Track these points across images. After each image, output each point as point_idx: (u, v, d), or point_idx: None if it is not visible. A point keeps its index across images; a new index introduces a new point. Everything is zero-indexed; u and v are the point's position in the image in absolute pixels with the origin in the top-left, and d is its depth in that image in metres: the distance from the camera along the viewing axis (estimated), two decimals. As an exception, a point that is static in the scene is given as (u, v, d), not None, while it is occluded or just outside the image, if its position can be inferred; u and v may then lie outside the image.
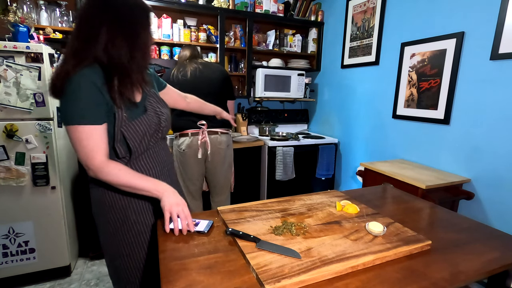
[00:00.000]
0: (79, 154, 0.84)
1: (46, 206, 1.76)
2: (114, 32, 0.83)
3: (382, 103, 2.29)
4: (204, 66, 1.81)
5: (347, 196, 1.27)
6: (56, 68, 0.84)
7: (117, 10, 0.84)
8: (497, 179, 1.57)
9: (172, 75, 1.79)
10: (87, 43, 0.82)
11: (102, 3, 0.83)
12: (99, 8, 0.83)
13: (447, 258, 0.85)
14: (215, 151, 1.81)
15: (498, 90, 1.55)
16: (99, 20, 0.82)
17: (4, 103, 1.58)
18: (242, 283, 0.70)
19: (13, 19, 1.68)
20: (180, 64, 1.84)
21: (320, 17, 2.91)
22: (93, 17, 0.83)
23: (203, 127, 1.76)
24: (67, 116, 0.82)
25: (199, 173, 1.85)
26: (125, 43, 0.85)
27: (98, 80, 0.82)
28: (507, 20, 1.48)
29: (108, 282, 1.87)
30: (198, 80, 1.77)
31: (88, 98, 0.81)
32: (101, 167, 0.84)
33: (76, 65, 0.80)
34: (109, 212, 0.97)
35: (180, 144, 1.79)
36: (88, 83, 0.80)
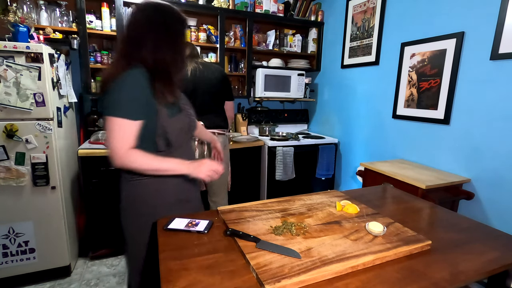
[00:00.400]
0: (109, 142, 0.92)
1: (46, 206, 1.76)
2: (160, 39, 0.96)
3: (382, 103, 2.29)
4: (204, 66, 1.81)
5: (347, 196, 1.27)
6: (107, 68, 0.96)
7: (163, 20, 0.98)
8: (497, 179, 1.57)
9: None
10: (135, 48, 0.94)
11: (151, 13, 0.97)
12: (147, 18, 0.96)
13: (447, 258, 0.85)
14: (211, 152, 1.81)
15: (498, 90, 1.55)
16: (147, 28, 0.95)
17: (4, 103, 1.58)
18: (242, 283, 0.70)
19: (13, 19, 1.68)
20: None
21: (320, 17, 2.91)
22: (142, 25, 0.95)
23: None
24: (108, 107, 0.92)
25: None
26: (168, 49, 0.98)
27: (143, 80, 0.92)
28: (507, 20, 1.48)
29: (108, 282, 1.87)
30: (197, 79, 1.77)
31: (130, 95, 0.91)
32: (126, 156, 0.92)
33: (125, 66, 0.92)
34: (142, 207, 1.05)
35: None
36: (133, 81, 0.91)
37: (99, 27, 2.15)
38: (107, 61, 2.22)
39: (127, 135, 0.91)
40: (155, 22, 0.97)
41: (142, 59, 0.94)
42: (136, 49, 0.94)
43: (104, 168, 1.98)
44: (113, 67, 0.95)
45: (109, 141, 0.92)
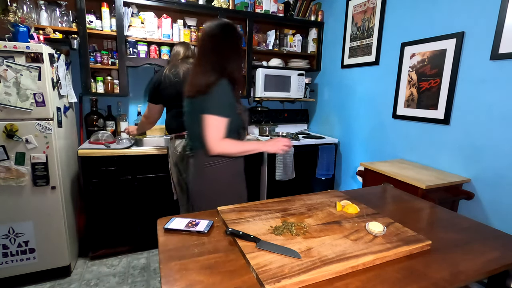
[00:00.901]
0: (208, 136, 1.19)
1: (46, 206, 1.76)
2: (232, 54, 1.25)
3: (382, 103, 2.29)
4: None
5: (347, 196, 1.27)
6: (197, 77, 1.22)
7: (232, 39, 1.25)
8: (497, 179, 1.57)
9: (164, 75, 1.78)
10: (220, 62, 1.22)
11: (226, 34, 1.24)
12: (224, 38, 1.23)
13: (447, 258, 0.85)
14: None
15: (498, 90, 1.55)
16: (224, 45, 1.23)
17: (4, 103, 1.58)
18: (242, 283, 0.70)
19: (13, 19, 1.68)
20: (172, 64, 1.83)
21: (320, 17, 2.91)
22: (220, 44, 1.23)
23: None
24: (210, 108, 1.18)
25: None
26: (237, 61, 1.28)
27: (229, 88, 1.22)
28: (507, 20, 1.48)
29: (108, 282, 1.87)
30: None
31: (224, 99, 1.20)
32: (221, 144, 1.20)
33: (218, 77, 1.20)
34: (217, 185, 1.31)
35: (177, 146, 1.77)
36: (225, 89, 1.20)
37: (99, 27, 2.15)
38: (107, 61, 2.22)
39: (221, 129, 1.20)
40: (229, 40, 1.24)
41: (227, 72, 1.22)
42: (220, 62, 1.22)
43: (104, 168, 1.99)
44: (206, 77, 1.20)
45: (209, 135, 1.19)
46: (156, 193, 2.17)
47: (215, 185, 1.30)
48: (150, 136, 2.60)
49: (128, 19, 2.20)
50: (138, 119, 2.50)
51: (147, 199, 2.16)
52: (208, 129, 1.18)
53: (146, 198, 2.15)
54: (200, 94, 1.20)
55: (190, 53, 1.90)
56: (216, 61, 1.21)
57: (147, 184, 2.13)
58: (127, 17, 2.19)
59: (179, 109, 1.79)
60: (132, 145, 2.12)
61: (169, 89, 1.77)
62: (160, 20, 2.33)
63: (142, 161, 2.08)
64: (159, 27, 2.34)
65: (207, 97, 1.19)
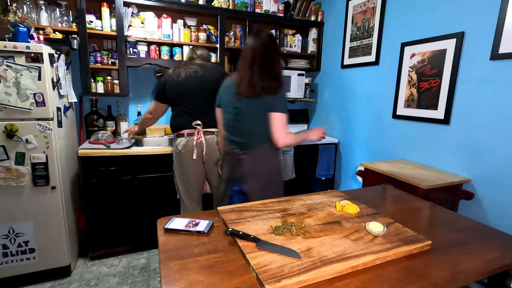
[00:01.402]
0: (278, 130, 1.41)
1: (46, 206, 1.76)
2: (280, 60, 1.51)
3: (382, 103, 2.29)
4: (200, 66, 1.81)
5: (347, 196, 1.27)
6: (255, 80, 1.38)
7: (278, 47, 1.49)
8: (497, 179, 1.57)
9: (168, 76, 1.80)
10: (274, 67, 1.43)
11: (274, 43, 1.46)
12: (273, 47, 1.44)
13: (447, 258, 0.85)
14: (211, 152, 1.80)
15: (498, 90, 1.55)
16: (275, 53, 1.45)
17: (4, 103, 1.58)
18: (242, 283, 0.70)
19: (13, 19, 1.68)
20: (176, 66, 1.85)
21: (320, 17, 2.91)
22: (272, 52, 1.43)
23: (199, 127, 1.76)
24: (279, 107, 1.40)
25: (198, 174, 1.84)
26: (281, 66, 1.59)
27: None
28: (507, 20, 1.48)
29: (108, 282, 1.87)
30: (194, 80, 1.76)
31: (285, 99, 1.47)
32: (287, 137, 1.43)
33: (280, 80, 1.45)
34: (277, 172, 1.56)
35: (177, 144, 1.79)
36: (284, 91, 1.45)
37: (99, 27, 2.15)
38: (107, 61, 2.22)
39: (286, 124, 1.42)
40: (278, 49, 1.48)
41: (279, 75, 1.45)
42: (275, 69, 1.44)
43: (104, 168, 1.99)
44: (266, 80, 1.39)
45: (278, 129, 1.40)
46: (156, 193, 2.17)
47: (272, 175, 1.52)
48: (150, 136, 2.60)
49: (128, 19, 2.20)
50: (138, 119, 2.50)
51: (147, 199, 2.16)
52: (278, 125, 1.40)
53: (146, 198, 2.15)
54: (267, 95, 1.39)
55: (195, 55, 1.91)
56: (272, 67, 1.41)
57: (147, 184, 2.13)
58: (127, 17, 2.19)
59: (180, 108, 1.80)
60: (132, 145, 2.12)
61: (172, 89, 1.79)
62: (160, 20, 2.33)
63: (142, 161, 2.08)
64: (159, 27, 2.34)
65: (276, 97, 1.40)
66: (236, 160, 1.50)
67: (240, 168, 1.49)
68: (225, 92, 1.53)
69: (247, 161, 1.47)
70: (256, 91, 1.37)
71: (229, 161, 1.56)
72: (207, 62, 1.89)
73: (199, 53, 1.93)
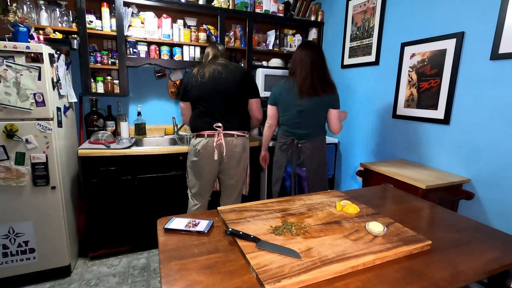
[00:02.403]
0: (337, 124, 1.84)
1: (46, 206, 1.76)
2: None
3: (382, 103, 2.29)
4: (223, 67, 1.79)
5: (347, 196, 1.27)
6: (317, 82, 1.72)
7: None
8: (497, 179, 1.57)
9: (192, 76, 1.79)
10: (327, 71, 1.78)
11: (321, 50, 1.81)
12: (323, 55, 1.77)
13: (447, 258, 0.85)
14: (230, 154, 1.80)
15: (498, 90, 1.55)
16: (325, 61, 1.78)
17: (4, 103, 1.58)
18: (242, 283, 0.70)
19: (13, 19, 1.68)
20: (201, 65, 1.83)
21: (320, 17, 2.91)
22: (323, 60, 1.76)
23: (219, 129, 1.75)
24: (337, 104, 1.79)
25: (212, 174, 1.85)
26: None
27: None
28: (507, 20, 1.48)
29: (108, 282, 1.87)
30: (216, 81, 1.76)
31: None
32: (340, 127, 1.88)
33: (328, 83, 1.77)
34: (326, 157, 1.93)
35: (196, 144, 1.78)
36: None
37: (99, 27, 2.15)
38: (107, 61, 2.22)
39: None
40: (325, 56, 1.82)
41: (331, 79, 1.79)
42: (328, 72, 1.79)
43: (104, 168, 1.99)
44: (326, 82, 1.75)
45: (337, 121, 1.82)
46: (156, 193, 2.17)
47: (325, 158, 1.89)
48: (150, 136, 2.60)
49: (128, 19, 2.20)
50: (138, 119, 2.50)
51: (147, 199, 2.16)
52: (337, 118, 1.81)
53: (146, 198, 2.15)
54: (327, 95, 1.73)
55: (219, 53, 1.88)
56: (326, 71, 1.76)
57: (147, 184, 2.13)
58: (127, 17, 2.19)
59: (201, 109, 1.79)
60: (132, 145, 2.12)
61: (194, 89, 1.78)
62: (160, 20, 2.33)
63: (142, 161, 2.08)
64: (159, 27, 2.34)
65: (333, 96, 1.76)
66: (296, 148, 1.84)
67: (301, 154, 1.83)
68: (286, 93, 1.80)
69: (307, 148, 1.81)
70: (318, 91, 1.71)
71: (286, 149, 1.88)
72: (230, 62, 1.86)
73: (221, 49, 1.91)
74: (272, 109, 1.90)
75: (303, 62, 1.73)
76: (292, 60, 1.82)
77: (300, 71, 1.74)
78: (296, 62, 1.77)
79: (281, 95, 1.83)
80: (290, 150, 1.86)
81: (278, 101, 1.86)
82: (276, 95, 1.86)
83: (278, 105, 1.87)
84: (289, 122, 1.84)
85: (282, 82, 1.84)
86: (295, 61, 1.77)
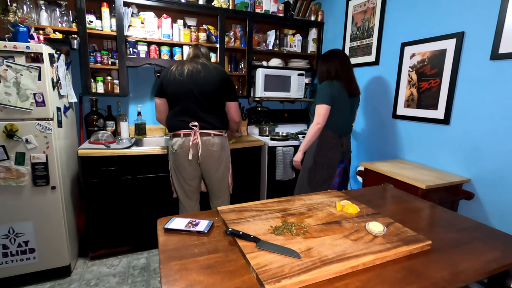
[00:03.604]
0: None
1: (46, 206, 1.76)
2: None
3: (382, 103, 2.29)
4: (203, 67, 1.77)
5: (347, 196, 1.27)
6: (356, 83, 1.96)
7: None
8: (497, 179, 1.57)
9: (170, 72, 1.76)
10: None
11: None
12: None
13: (447, 258, 0.85)
14: (207, 153, 1.78)
15: (498, 90, 1.55)
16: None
17: (4, 103, 1.58)
18: (242, 283, 0.70)
19: (13, 19, 1.68)
20: (179, 62, 1.82)
21: (320, 17, 2.91)
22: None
23: (195, 129, 1.74)
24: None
25: (194, 174, 1.83)
26: None
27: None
28: (507, 20, 1.48)
29: (108, 282, 1.87)
30: (194, 80, 1.73)
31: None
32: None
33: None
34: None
35: (173, 144, 1.77)
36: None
37: (99, 27, 2.15)
38: (107, 61, 2.22)
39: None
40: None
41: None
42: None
43: (104, 168, 1.99)
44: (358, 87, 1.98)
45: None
46: (156, 193, 2.17)
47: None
48: (150, 136, 2.60)
49: (128, 19, 2.20)
50: (138, 119, 2.50)
51: (147, 199, 2.16)
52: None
53: (146, 198, 2.15)
54: (359, 95, 1.99)
55: (200, 53, 1.88)
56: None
57: (147, 184, 2.13)
58: (127, 17, 2.19)
59: (177, 108, 1.77)
60: (132, 145, 2.12)
61: (172, 86, 1.75)
62: (160, 20, 2.33)
63: (142, 161, 2.08)
64: (159, 27, 2.34)
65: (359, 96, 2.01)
66: (346, 145, 2.00)
67: (348, 150, 2.03)
68: (340, 94, 1.87)
69: (349, 143, 2.04)
70: (359, 91, 1.97)
71: (337, 147, 1.95)
72: (211, 63, 1.85)
73: (203, 51, 1.90)
74: (328, 109, 1.85)
75: (347, 64, 1.91)
76: (328, 64, 1.92)
77: (345, 72, 1.89)
78: (341, 63, 1.89)
79: (339, 95, 1.86)
80: (342, 148, 1.96)
81: (335, 101, 1.85)
82: (334, 95, 1.85)
83: (335, 105, 1.86)
84: (343, 121, 1.94)
85: (334, 82, 1.87)
86: (335, 64, 1.89)
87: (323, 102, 1.83)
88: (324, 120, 1.85)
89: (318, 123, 1.84)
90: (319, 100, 1.85)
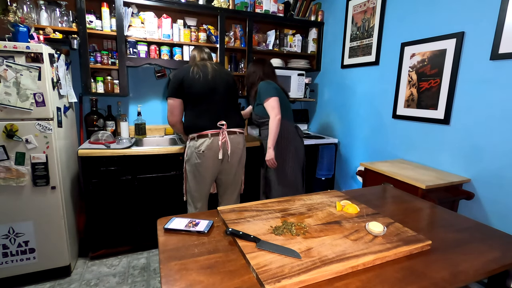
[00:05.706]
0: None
1: (46, 206, 1.76)
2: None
3: (382, 103, 2.29)
4: (218, 67, 1.85)
5: (347, 196, 1.27)
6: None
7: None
8: (497, 179, 1.57)
9: (191, 72, 1.73)
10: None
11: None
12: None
13: (447, 258, 0.85)
14: (234, 151, 1.79)
15: (498, 90, 1.55)
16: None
17: (4, 103, 1.58)
18: (242, 283, 0.70)
19: (13, 19, 1.68)
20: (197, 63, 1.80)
21: (320, 17, 2.91)
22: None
23: (223, 127, 1.73)
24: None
25: (214, 174, 1.84)
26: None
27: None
28: (507, 20, 1.48)
29: (108, 282, 1.87)
30: (218, 79, 1.78)
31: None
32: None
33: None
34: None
35: (199, 145, 1.72)
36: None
37: (99, 27, 2.15)
38: (107, 61, 2.22)
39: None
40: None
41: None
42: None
43: (104, 168, 1.99)
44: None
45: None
46: (156, 193, 2.17)
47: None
48: (150, 136, 2.60)
49: (128, 19, 2.20)
50: (138, 119, 2.50)
51: (147, 199, 2.16)
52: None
53: (146, 198, 2.15)
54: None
55: (206, 56, 1.89)
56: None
57: (147, 184, 2.13)
58: (127, 17, 2.19)
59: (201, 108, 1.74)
60: (132, 145, 2.12)
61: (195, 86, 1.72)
62: (160, 20, 2.33)
63: (142, 161, 2.08)
64: (159, 27, 2.34)
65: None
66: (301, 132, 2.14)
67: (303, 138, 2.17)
68: (277, 86, 2.00)
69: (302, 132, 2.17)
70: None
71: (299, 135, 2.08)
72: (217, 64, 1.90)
73: (207, 52, 1.93)
74: (278, 100, 1.93)
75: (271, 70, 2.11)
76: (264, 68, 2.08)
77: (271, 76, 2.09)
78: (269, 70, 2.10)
79: (278, 87, 2.00)
80: (300, 134, 2.06)
81: (280, 93, 1.99)
82: (276, 87, 1.99)
83: (280, 96, 1.97)
84: (290, 109, 2.10)
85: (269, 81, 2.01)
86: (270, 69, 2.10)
87: (271, 96, 1.91)
88: (279, 111, 1.91)
89: (277, 114, 1.89)
90: (266, 96, 1.91)
